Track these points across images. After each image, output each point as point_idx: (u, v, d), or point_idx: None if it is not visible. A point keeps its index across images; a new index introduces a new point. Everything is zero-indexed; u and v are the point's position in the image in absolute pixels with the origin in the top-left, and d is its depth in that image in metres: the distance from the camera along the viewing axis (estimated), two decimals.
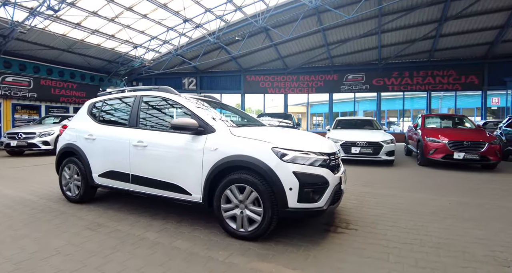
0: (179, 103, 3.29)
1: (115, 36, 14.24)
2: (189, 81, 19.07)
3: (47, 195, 4.32)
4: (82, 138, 3.79)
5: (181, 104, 3.28)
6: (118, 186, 3.48)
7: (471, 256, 2.49)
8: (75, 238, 2.75)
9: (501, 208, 3.87)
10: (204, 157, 2.87)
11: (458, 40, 14.96)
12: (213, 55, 16.87)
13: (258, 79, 19.07)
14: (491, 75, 15.76)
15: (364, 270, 2.24)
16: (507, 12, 12.83)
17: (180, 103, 3.28)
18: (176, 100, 3.33)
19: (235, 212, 2.74)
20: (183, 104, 3.25)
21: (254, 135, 2.84)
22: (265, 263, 2.31)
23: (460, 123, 8.81)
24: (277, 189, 2.56)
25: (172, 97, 3.37)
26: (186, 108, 3.21)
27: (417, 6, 12.70)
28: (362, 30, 14.86)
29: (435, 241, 2.80)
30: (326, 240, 2.79)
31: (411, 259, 2.44)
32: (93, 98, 4.17)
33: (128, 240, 2.71)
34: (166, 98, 3.44)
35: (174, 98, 3.35)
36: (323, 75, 18.40)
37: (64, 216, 3.37)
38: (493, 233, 3.01)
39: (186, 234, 2.90)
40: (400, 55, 16.54)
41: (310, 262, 2.35)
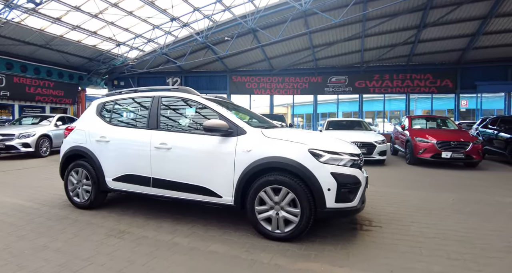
0: (204, 104, 3.23)
1: (97, 32, 13.64)
2: (173, 80, 18.66)
3: (47, 202, 4.06)
4: (92, 141, 3.60)
5: (205, 105, 3.22)
6: (136, 190, 3.35)
7: (492, 247, 2.67)
8: (102, 246, 2.62)
9: (498, 203, 4.16)
10: (236, 159, 2.84)
11: (434, 45, 15.84)
12: (199, 54, 16.63)
13: (244, 80, 19.05)
14: (464, 79, 16.84)
15: (407, 264, 2.34)
16: (478, 21, 13.80)
17: (205, 104, 3.22)
18: (199, 101, 3.27)
19: (270, 213, 2.74)
20: (208, 106, 3.19)
21: (287, 137, 2.86)
22: (311, 263, 2.34)
23: (444, 124, 9.35)
24: (315, 190, 2.60)
25: (195, 98, 3.30)
26: (212, 109, 3.16)
27: (399, 12, 13.31)
28: (347, 34, 15.31)
29: (455, 234, 2.97)
30: (358, 238, 2.87)
31: (442, 251, 2.58)
32: (100, 99, 3.98)
33: (161, 247, 2.62)
34: (188, 99, 3.36)
35: (197, 99, 3.29)
36: (308, 77, 18.74)
37: (79, 224, 3.19)
38: (500, 225, 3.25)
39: (217, 237, 2.85)
40: (381, 58, 17.23)
41: (353, 260, 2.41)
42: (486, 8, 12.96)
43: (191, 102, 3.37)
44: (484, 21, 13.61)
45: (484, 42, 15.07)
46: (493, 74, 16.33)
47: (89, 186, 3.61)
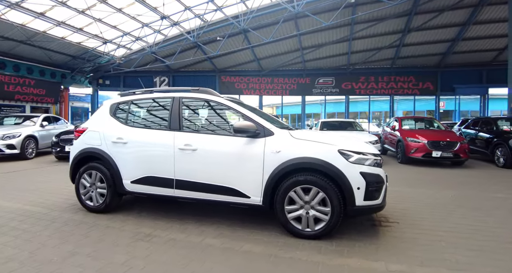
0: (227, 105, 3.25)
1: (83, 29, 13.15)
2: (161, 80, 18.32)
3: (55, 206, 3.90)
4: (108, 142, 3.50)
5: (228, 107, 3.24)
6: (157, 192, 3.30)
7: (502, 239, 2.88)
8: (134, 250, 2.57)
9: (493, 199, 4.46)
10: (265, 160, 2.88)
11: (417, 49, 16.57)
12: (189, 54, 16.42)
13: (233, 80, 19.02)
14: (443, 82, 17.71)
15: (434, 256, 2.50)
16: (458, 27, 14.59)
17: (228, 106, 3.24)
18: (222, 102, 3.28)
19: (300, 212, 2.81)
20: (232, 107, 3.21)
21: (314, 138, 2.94)
22: (346, 259, 2.43)
23: (431, 125, 9.81)
24: (346, 189, 2.69)
25: (217, 99, 3.31)
26: (237, 111, 3.18)
27: (386, 17, 13.81)
28: (335, 37, 15.69)
29: (466, 228, 3.19)
30: (381, 233, 3.00)
31: (461, 244, 2.76)
32: (113, 99, 3.87)
33: (193, 249, 2.61)
34: (210, 100, 3.35)
35: (220, 100, 3.30)
36: (296, 78, 19.00)
37: (99, 228, 3.09)
38: (501, 219, 3.50)
39: (246, 237, 2.88)
40: (367, 61, 17.78)
41: (384, 254, 2.53)
42: (465, 16, 13.73)
43: (213, 104, 3.36)
44: (463, 28, 14.41)
45: (462, 47, 15.95)
46: (470, 78, 17.31)
47: (104, 189, 3.51)
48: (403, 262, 2.38)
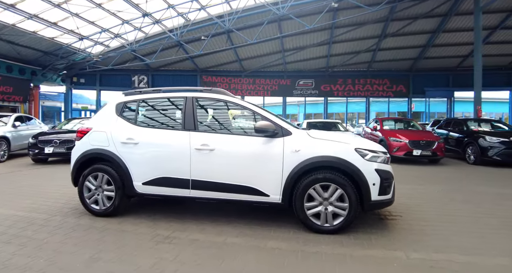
0: (243, 105, 3.28)
1: (58, 24, 12.41)
2: (139, 79, 17.75)
3: (53, 211, 3.67)
4: (117, 143, 3.38)
5: (245, 107, 3.28)
6: (172, 193, 3.24)
7: (498, 226, 3.22)
8: (160, 253, 2.51)
9: (476, 192, 4.87)
10: (284, 158, 2.96)
11: (392, 54, 17.51)
12: (170, 53, 16.09)
13: (215, 80, 18.91)
14: (415, 85, 18.87)
15: (446, 243, 2.73)
16: (428, 35, 15.64)
17: (244, 106, 3.27)
18: (238, 102, 3.31)
19: (319, 209, 2.91)
20: (249, 107, 3.25)
21: (331, 137, 3.07)
22: (369, 250, 2.58)
23: (409, 125, 10.43)
24: (363, 185, 2.85)
25: (232, 100, 3.33)
26: (254, 111, 3.23)
27: (365, 22, 14.46)
28: (316, 40, 16.16)
29: (463, 218, 3.48)
30: (390, 226, 3.19)
31: (465, 232, 3.03)
32: (119, 98, 3.74)
33: (220, 248, 2.61)
34: (225, 101, 3.36)
35: (235, 101, 3.33)
36: (277, 79, 19.31)
37: (112, 233, 2.97)
38: (488, 209, 3.87)
39: (267, 234, 2.92)
40: (345, 64, 18.50)
41: (400, 244, 2.71)
42: (436, 24, 14.75)
43: (229, 104, 3.38)
44: (433, 35, 15.48)
45: (432, 53, 17.10)
46: (438, 81, 18.60)
47: (112, 191, 3.37)
48: (419, 250, 2.57)
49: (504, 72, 17.52)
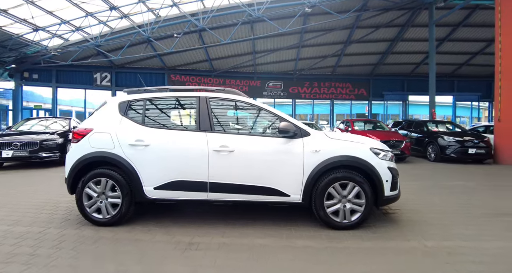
0: (259, 106, 3.29)
1: (8, 11, 11.05)
2: (102, 76, 16.55)
3: (43, 222, 3.26)
4: (124, 145, 3.14)
5: (261, 107, 3.29)
6: (188, 197, 3.10)
7: (477, 215, 3.63)
8: (193, 261, 2.39)
9: (449, 186, 5.42)
10: (305, 159, 3.03)
11: (355, 59, 18.66)
12: (137, 49, 15.28)
13: (184, 79, 18.38)
14: (374, 89, 20.32)
15: (447, 232, 3.03)
16: (388, 42, 16.99)
17: (261, 107, 3.29)
18: (254, 103, 3.31)
19: (338, 206, 3.04)
20: (265, 108, 3.27)
21: (347, 138, 3.23)
22: (388, 242, 2.77)
23: (377, 126, 11.23)
24: (378, 182, 3.04)
25: (248, 100, 3.32)
26: (269, 111, 3.25)
27: (333, 28, 15.22)
28: (287, 43, 16.59)
29: (454, 209, 3.88)
30: (394, 219, 3.44)
31: (459, 221, 3.36)
32: (121, 97, 3.48)
33: (252, 250, 2.59)
34: (242, 101, 3.33)
35: (251, 102, 3.32)
36: (248, 80, 19.41)
37: (126, 243, 2.75)
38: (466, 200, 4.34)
39: (290, 234, 2.95)
40: (312, 68, 19.26)
41: (412, 235, 2.95)
42: (394, 33, 16.08)
43: (244, 104, 3.36)
44: (392, 43, 16.85)
45: (390, 60, 18.59)
46: (395, 86, 20.26)
47: (118, 198, 3.12)
48: (430, 240, 2.82)
49: (448, 79, 19.72)
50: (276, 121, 3.27)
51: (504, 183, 5.93)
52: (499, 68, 8.69)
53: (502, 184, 5.80)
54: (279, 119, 3.19)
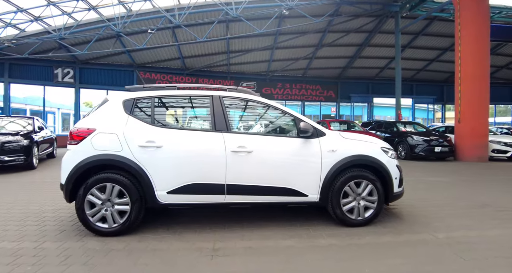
0: (275, 106, 3.28)
1: None
2: (63, 72, 15.21)
3: (32, 235, 2.91)
4: (133, 147, 2.91)
5: (276, 107, 3.28)
6: (205, 201, 2.98)
7: (462, 207, 3.98)
8: (226, 268, 2.31)
9: (431, 181, 5.89)
10: (322, 158, 3.08)
11: (325, 62, 19.35)
12: (105, 44, 14.30)
13: (154, 77, 17.59)
14: (342, 91, 21.26)
15: (450, 223, 3.29)
16: (356, 47, 17.90)
17: (276, 107, 3.28)
18: (269, 103, 3.29)
19: (353, 204, 3.14)
20: (281, 108, 3.27)
21: (359, 138, 3.35)
22: (403, 236, 2.94)
23: (351, 127, 11.78)
24: (389, 179, 3.21)
25: (264, 100, 3.30)
26: (284, 111, 3.26)
27: (307, 31, 15.65)
28: (261, 44, 16.69)
29: (441, 201, 4.24)
30: (398, 214, 3.65)
31: (458, 214, 3.66)
32: (125, 94, 3.22)
33: (282, 253, 2.57)
34: (257, 101, 3.29)
35: (267, 102, 3.30)
36: (221, 80, 19.17)
37: (144, 253, 2.53)
38: (450, 194, 4.72)
39: (309, 233, 2.99)
40: (284, 69, 19.60)
41: (420, 227, 3.16)
42: (363, 38, 17.00)
43: (259, 104, 3.31)
44: (360, 48, 17.78)
45: (357, 64, 19.59)
46: (361, 89, 21.39)
47: (127, 205, 2.89)
48: (438, 231, 3.05)
49: (408, 83, 21.30)
50: (290, 121, 3.28)
51: (471, 178, 6.57)
52: (459, 74, 9.63)
53: (470, 179, 6.41)
54: (295, 119, 3.21)
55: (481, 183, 5.89)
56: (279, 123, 3.42)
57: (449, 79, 21.41)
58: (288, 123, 3.35)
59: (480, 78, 9.26)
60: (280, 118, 3.34)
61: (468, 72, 9.32)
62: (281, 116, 3.34)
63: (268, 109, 3.37)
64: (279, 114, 3.32)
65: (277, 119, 3.32)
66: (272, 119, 3.38)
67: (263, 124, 3.40)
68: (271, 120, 3.38)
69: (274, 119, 3.35)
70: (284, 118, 3.35)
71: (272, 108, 3.31)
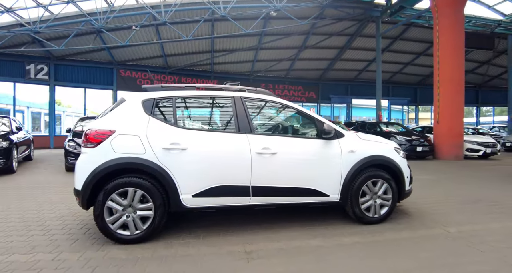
0: (296, 108, 3.34)
1: None
2: (37, 68, 14.24)
3: (45, 247, 2.71)
4: (157, 149, 2.81)
5: (295, 109, 3.34)
6: (230, 203, 2.96)
7: (459, 202, 4.26)
8: (265, 270, 2.35)
9: (422, 179, 6.23)
10: (343, 159, 3.18)
11: (307, 64, 19.74)
12: (83, 40, 13.58)
13: (135, 76, 17.00)
14: (323, 93, 21.79)
15: (456, 219, 3.52)
16: (337, 50, 18.45)
17: (296, 108, 3.34)
18: (290, 105, 3.34)
19: (370, 203, 3.28)
20: (301, 110, 3.33)
21: (374, 138, 3.48)
22: (418, 231, 3.12)
23: None
24: (402, 178, 3.38)
25: (285, 102, 3.34)
26: (305, 113, 3.32)
27: (291, 33, 15.89)
28: (246, 44, 16.71)
29: (438, 197, 4.49)
30: (406, 211, 3.84)
31: (460, 209, 3.93)
32: (145, 94, 3.10)
33: (312, 253, 2.62)
34: (278, 102, 3.32)
35: (288, 103, 3.34)
36: (204, 79, 18.91)
37: (175, 261, 2.45)
38: (438, 191, 5.06)
39: (331, 233, 3.08)
40: (268, 70, 19.75)
41: (431, 223, 3.37)
42: (344, 41, 17.56)
43: (278, 105, 3.35)
44: (341, 50, 18.34)
45: (338, 66, 20.19)
46: (340, 90, 22.07)
47: (150, 210, 2.79)
48: (448, 226, 3.26)
49: (385, 85, 22.09)
50: (309, 122, 3.35)
51: (453, 175, 7.05)
52: (438, 78, 10.27)
53: (453, 176, 6.88)
54: (314, 120, 3.28)
55: (464, 180, 6.34)
56: (300, 125, 3.48)
57: (422, 82, 22.75)
58: (307, 124, 3.42)
59: (457, 82, 9.95)
60: (299, 119, 3.40)
61: (446, 76, 9.97)
62: (301, 117, 3.41)
63: (287, 110, 3.41)
64: (299, 115, 3.38)
65: (297, 120, 3.38)
66: (293, 120, 3.43)
67: (284, 125, 3.44)
68: (292, 121, 3.43)
69: (295, 121, 3.41)
70: (304, 120, 3.41)
71: (291, 109, 3.36)
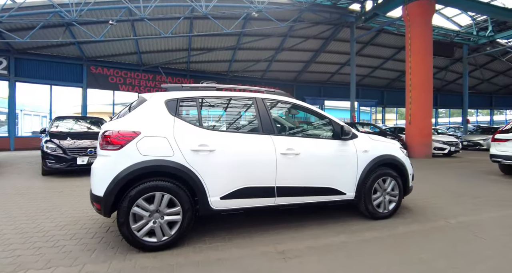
0: (312, 110, 3.45)
1: None
2: None
3: (60, 260, 2.54)
4: (186, 151, 2.75)
5: (312, 110, 3.45)
6: (256, 204, 2.98)
7: (455, 195, 4.69)
8: (305, 269, 2.44)
9: None
10: (358, 159, 3.38)
11: (283, 66, 20.13)
12: (51, 33, 12.58)
13: (106, 73, 16.12)
14: (297, 94, 22.33)
15: (454, 211, 3.85)
16: (313, 52, 19.06)
17: (313, 110, 3.45)
18: (308, 107, 3.45)
19: (381, 199, 3.51)
20: (318, 111, 3.46)
21: (381, 139, 3.72)
22: (425, 224, 3.38)
23: None
24: (407, 175, 3.66)
25: (303, 104, 3.44)
26: (321, 115, 3.46)
27: (270, 35, 16.10)
28: (224, 44, 16.62)
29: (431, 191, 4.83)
30: (407, 206, 4.12)
31: (456, 203, 4.30)
32: (166, 94, 3.01)
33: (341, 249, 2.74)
34: (294, 103, 3.41)
35: (306, 105, 3.45)
36: (180, 78, 18.49)
37: (215, 266, 2.40)
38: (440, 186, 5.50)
39: (350, 228, 3.24)
40: (245, 70, 19.82)
41: (432, 215, 3.68)
42: (319, 45, 18.18)
43: (296, 106, 3.45)
44: (316, 53, 18.97)
45: (312, 68, 20.85)
46: (314, 92, 22.83)
47: (178, 215, 2.73)
48: (447, 218, 3.58)
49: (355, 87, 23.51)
50: (326, 123, 3.50)
51: (429, 172, 7.65)
52: (409, 81, 11.08)
53: (429, 173, 7.48)
54: (331, 121, 3.43)
55: (441, 176, 6.94)
56: (316, 125, 3.61)
57: (389, 85, 24.29)
58: (324, 125, 3.56)
59: (426, 86, 10.82)
60: (319, 121, 3.53)
61: (417, 80, 10.80)
62: (319, 118, 3.54)
63: (306, 112, 3.52)
64: (317, 116, 3.51)
65: (316, 121, 3.51)
66: (312, 121, 3.55)
67: (304, 127, 3.55)
68: (311, 122, 3.55)
69: (313, 122, 3.53)
70: (322, 121, 3.55)
71: (309, 110, 3.48)
